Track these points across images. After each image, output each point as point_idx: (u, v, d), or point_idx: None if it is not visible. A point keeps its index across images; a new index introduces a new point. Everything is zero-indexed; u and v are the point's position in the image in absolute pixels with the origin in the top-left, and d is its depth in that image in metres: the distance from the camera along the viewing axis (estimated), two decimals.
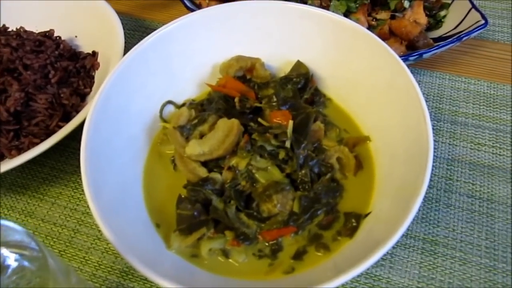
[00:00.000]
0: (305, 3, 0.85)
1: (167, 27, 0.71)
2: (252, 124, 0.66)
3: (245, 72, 0.75)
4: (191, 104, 0.72)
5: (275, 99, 0.68)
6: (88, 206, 0.55)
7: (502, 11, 1.02)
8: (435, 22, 0.91)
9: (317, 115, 0.68)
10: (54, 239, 0.72)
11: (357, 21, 0.84)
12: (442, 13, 0.90)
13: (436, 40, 0.89)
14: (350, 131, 0.70)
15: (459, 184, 0.75)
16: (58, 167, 0.81)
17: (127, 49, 0.74)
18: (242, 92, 0.70)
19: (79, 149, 0.59)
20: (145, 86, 0.71)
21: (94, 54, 0.89)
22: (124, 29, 1.02)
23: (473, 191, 0.73)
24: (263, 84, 0.73)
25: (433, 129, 0.68)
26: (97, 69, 0.87)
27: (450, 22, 0.90)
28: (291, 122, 0.64)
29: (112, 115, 0.65)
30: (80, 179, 0.78)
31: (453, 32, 0.88)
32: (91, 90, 0.85)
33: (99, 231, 0.72)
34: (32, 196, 0.78)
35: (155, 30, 0.72)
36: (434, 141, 0.79)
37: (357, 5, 0.84)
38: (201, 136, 0.66)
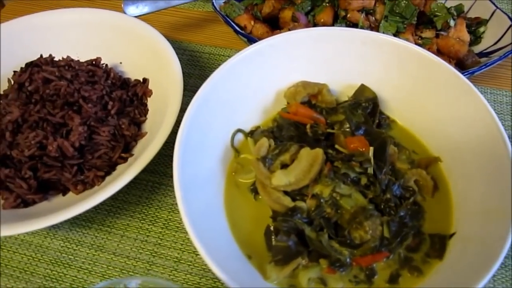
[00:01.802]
0: (356, 25, 0.87)
1: (235, 58, 0.72)
2: (330, 151, 0.67)
3: (310, 98, 0.76)
4: (263, 132, 0.73)
5: (347, 125, 0.70)
6: (159, 238, 0.55)
7: None
8: (474, 38, 0.94)
9: (390, 139, 0.70)
10: (130, 273, 0.72)
11: (407, 40, 0.86)
12: (481, 29, 0.93)
13: (478, 54, 0.92)
14: (419, 152, 0.73)
15: None
16: (121, 198, 0.80)
17: None
18: (312, 118, 0.72)
19: (138, 179, 0.58)
20: (216, 118, 0.71)
21: (145, 81, 0.88)
22: None
23: None
24: (330, 109, 0.74)
25: None
26: (149, 96, 0.87)
27: (488, 38, 0.94)
28: (371, 149, 0.66)
29: (193, 150, 0.65)
30: (146, 209, 0.78)
31: (493, 48, 0.91)
32: (146, 118, 0.85)
33: (175, 261, 0.72)
34: (99, 229, 0.77)
35: (193, 51, 0.72)
36: None
37: (405, 25, 0.87)
38: (282, 165, 0.67)
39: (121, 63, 0.94)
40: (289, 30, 0.85)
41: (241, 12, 0.93)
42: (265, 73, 0.76)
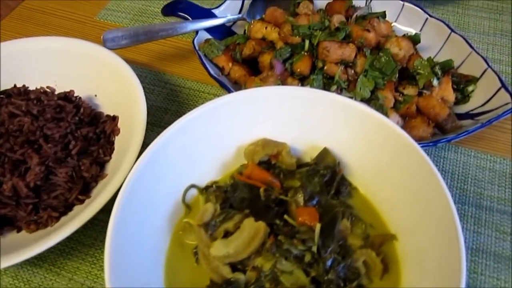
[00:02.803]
0: (333, 78, 0.83)
1: (195, 112, 0.70)
2: (278, 222, 0.65)
3: (271, 157, 0.73)
4: (215, 191, 0.71)
5: (301, 193, 0.67)
6: None
7: None
8: (462, 96, 0.89)
9: (344, 211, 0.67)
10: None
11: (384, 99, 0.82)
12: (470, 88, 0.88)
13: (462, 116, 0.87)
14: (376, 226, 0.69)
15: (483, 279, 0.73)
16: (76, 238, 0.80)
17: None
18: (266, 182, 0.69)
19: (96, 219, 0.58)
20: (169, 172, 0.70)
21: (115, 118, 0.87)
22: (143, 83, 1.02)
23: (498, 287, 0.72)
24: (289, 172, 0.71)
25: (458, 213, 0.66)
26: (117, 134, 0.86)
27: (478, 97, 0.88)
28: (318, 226, 0.62)
29: (138, 204, 0.64)
30: (98, 253, 0.78)
31: (480, 110, 0.86)
32: (110, 158, 0.84)
33: None
34: (49, 269, 0.77)
35: (174, 84, 0.71)
36: None
37: (385, 82, 0.83)
38: (226, 232, 0.65)
39: (96, 95, 0.93)
40: (261, 80, 0.82)
41: (219, 53, 0.91)
42: (226, 128, 0.74)
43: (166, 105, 0.98)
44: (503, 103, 0.83)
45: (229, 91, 0.84)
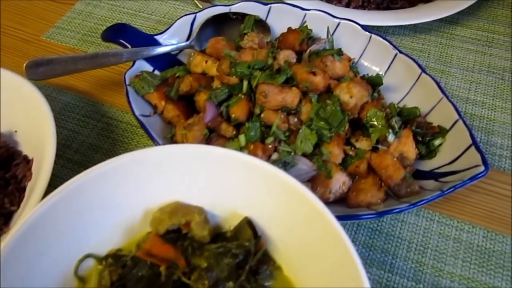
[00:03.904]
0: (270, 127, 0.72)
1: (96, 169, 0.59)
2: None
3: (181, 226, 0.62)
4: (111, 265, 0.60)
5: (206, 278, 0.56)
6: None
7: None
8: (427, 151, 0.76)
9: None
10: None
11: (329, 154, 0.70)
12: (437, 141, 0.75)
13: (425, 174, 0.75)
14: None
15: None
16: None
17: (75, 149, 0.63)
18: (168, 260, 0.58)
19: None
20: (59, 240, 0.59)
21: (29, 161, 0.78)
22: (78, 114, 0.93)
23: None
24: (199, 246, 0.60)
25: None
26: (29, 180, 0.76)
27: (445, 152, 0.76)
28: None
29: (21, 269, 0.54)
30: None
31: (446, 168, 0.74)
32: (18, 208, 0.74)
33: None
34: None
35: (111, 118, 0.61)
36: None
37: (332, 134, 0.71)
38: None
39: (16, 131, 0.83)
40: (186, 128, 0.71)
41: (151, 90, 0.80)
42: (132, 189, 0.63)
43: (98, 142, 0.88)
44: (473, 165, 0.70)
45: (152, 138, 0.73)
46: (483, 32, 1.03)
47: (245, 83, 0.74)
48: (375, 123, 0.71)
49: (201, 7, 1.12)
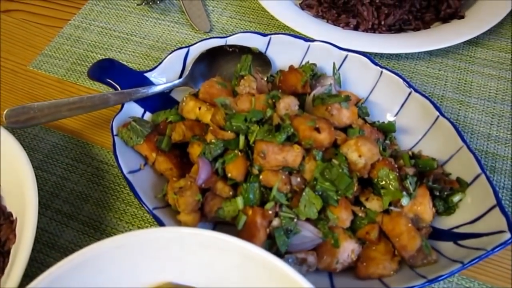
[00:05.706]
0: (270, 190, 0.65)
1: (75, 257, 0.53)
2: None
3: None
4: None
5: None
6: None
7: None
8: (445, 207, 0.69)
9: None
10: None
11: (336, 220, 0.63)
12: (456, 197, 0.68)
13: (443, 234, 0.67)
14: None
15: None
16: None
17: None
18: None
19: None
20: None
21: (13, 222, 0.72)
22: (67, 158, 0.88)
23: None
24: None
25: None
26: (13, 243, 0.71)
27: (466, 209, 0.68)
28: None
29: None
30: None
31: (466, 229, 0.66)
32: (2, 274, 0.69)
33: None
34: None
35: (102, 161, 0.61)
36: None
37: (339, 197, 0.64)
38: None
39: None
40: (177, 194, 0.65)
41: (140, 141, 0.73)
42: (118, 274, 0.57)
43: (88, 190, 0.82)
44: (497, 230, 0.62)
45: (139, 199, 0.67)
46: (506, 53, 0.93)
47: (242, 138, 0.67)
48: (387, 184, 0.63)
49: (197, 29, 1.04)
